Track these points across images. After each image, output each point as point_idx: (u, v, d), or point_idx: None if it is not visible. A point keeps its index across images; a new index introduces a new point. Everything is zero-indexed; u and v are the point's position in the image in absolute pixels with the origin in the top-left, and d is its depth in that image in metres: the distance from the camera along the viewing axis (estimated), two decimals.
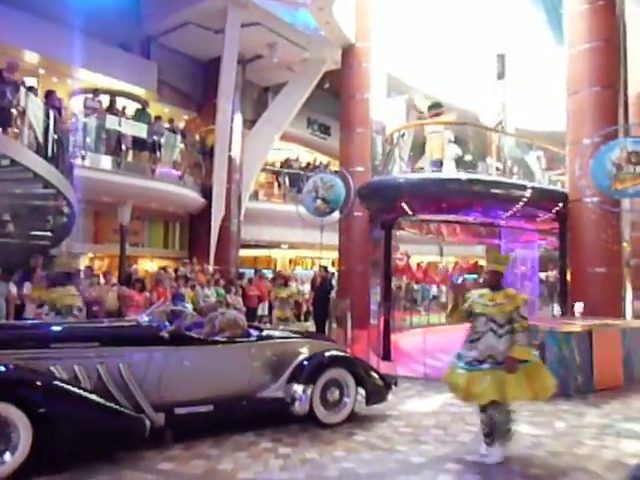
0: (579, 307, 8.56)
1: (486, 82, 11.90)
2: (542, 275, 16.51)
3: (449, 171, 9.52)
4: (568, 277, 9.64)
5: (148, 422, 4.62)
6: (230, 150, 15.39)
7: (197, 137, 16.11)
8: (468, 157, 10.23)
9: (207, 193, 14.98)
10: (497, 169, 10.29)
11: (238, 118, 16.03)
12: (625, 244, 9.57)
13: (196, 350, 5.31)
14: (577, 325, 7.81)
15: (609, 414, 6.35)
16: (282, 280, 14.11)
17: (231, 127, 15.30)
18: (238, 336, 5.64)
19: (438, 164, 9.64)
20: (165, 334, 5.17)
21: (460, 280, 9.04)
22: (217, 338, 5.59)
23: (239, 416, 5.52)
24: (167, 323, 5.54)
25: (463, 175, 9.09)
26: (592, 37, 9.43)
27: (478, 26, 13.60)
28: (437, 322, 13.87)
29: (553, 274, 15.49)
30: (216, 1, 13.90)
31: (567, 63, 9.79)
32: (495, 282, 4.87)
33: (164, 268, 12.21)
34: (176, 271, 12.09)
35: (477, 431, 5.64)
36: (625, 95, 9.76)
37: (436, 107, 10.86)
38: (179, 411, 4.97)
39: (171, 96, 16.33)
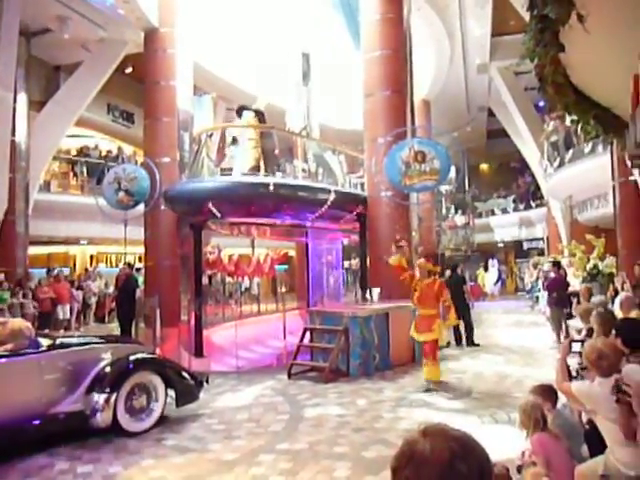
0: (375, 293, 9.33)
1: (293, 80, 12.20)
2: (346, 264, 17.79)
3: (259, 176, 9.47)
4: (368, 265, 10.46)
5: None
6: (13, 134, 13.45)
7: None
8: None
9: None
10: (303, 170, 10.62)
11: (22, 98, 14.08)
12: (414, 233, 10.74)
13: None
14: (375, 308, 8.54)
15: (403, 387, 7.05)
16: None
17: (14, 108, 13.37)
18: (24, 348, 4.92)
19: (255, 170, 9.50)
20: None
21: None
22: None
23: (29, 438, 4.84)
24: None
25: (271, 179, 9.19)
26: (383, 45, 10.34)
27: (285, 25, 13.92)
28: (249, 314, 14.07)
29: (355, 262, 16.78)
30: None
31: (363, 67, 10.58)
32: None
33: None
34: None
35: (288, 419, 5.81)
36: (411, 100, 10.90)
37: (252, 110, 10.38)
38: None
39: None
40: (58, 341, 5.44)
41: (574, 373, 3.83)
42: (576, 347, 3.93)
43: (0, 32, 12.19)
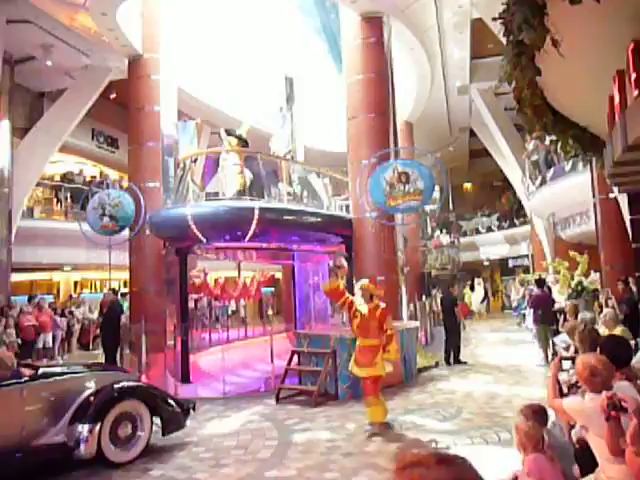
0: None
1: (278, 105, 12.29)
2: None
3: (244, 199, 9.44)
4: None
5: None
6: None
7: None
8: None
9: None
10: (288, 194, 10.64)
11: (5, 125, 14.02)
12: (400, 254, 10.77)
13: None
14: None
15: (393, 409, 6.96)
16: None
17: None
18: (6, 378, 4.81)
19: (240, 195, 9.47)
20: None
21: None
22: None
23: (11, 471, 4.71)
24: None
25: (256, 204, 9.17)
26: (365, 69, 10.50)
27: (269, 49, 14.10)
28: (236, 338, 13.92)
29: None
30: None
31: (346, 91, 10.72)
32: None
33: None
34: None
35: (277, 445, 5.72)
36: (394, 122, 11.04)
37: (235, 136, 10.37)
38: None
39: None
40: (40, 371, 5.31)
41: (565, 390, 3.83)
42: (566, 364, 3.94)
43: None
